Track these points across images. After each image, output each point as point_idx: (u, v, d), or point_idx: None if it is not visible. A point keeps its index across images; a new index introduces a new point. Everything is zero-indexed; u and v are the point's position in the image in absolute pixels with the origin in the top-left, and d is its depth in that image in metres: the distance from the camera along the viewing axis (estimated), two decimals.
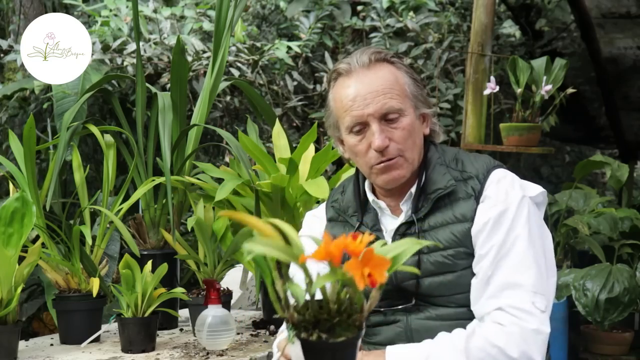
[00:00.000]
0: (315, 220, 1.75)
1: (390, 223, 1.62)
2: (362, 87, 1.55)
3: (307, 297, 1.09)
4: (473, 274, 1.53)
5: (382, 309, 1.59)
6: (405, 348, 1.47)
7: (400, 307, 1.58)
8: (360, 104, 1.54)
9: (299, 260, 1.03)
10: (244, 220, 1.05)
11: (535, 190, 1.59)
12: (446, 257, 1.53)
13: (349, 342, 1.06)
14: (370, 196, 1.65)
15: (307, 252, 1.06)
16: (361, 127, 1.56)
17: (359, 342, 1.10)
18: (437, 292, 1.54)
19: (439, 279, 1.53)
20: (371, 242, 1.46)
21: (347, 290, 1.08)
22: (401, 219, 1.60)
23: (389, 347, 1.47)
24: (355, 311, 1.07)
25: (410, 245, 1.07)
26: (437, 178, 1.57)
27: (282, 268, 1.07)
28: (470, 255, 1.53)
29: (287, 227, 1.07)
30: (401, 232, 1.58)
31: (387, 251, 1.07)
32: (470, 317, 1.52)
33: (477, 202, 1.54)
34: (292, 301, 1.09)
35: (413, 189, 1.59)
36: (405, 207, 1.60)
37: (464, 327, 1.50)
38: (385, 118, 1.54)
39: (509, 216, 1.51)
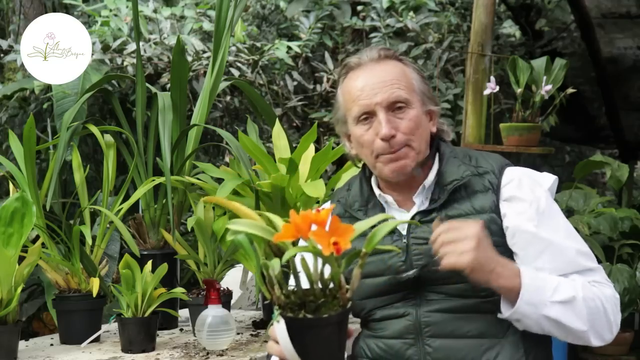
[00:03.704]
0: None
1: (398, 217, 1.61)
2: (370, 77, 1.59)
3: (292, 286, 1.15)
4: None
5: (391, 304, 1.59)
6: (536, 272, 1.49)
7: (410, 297, 1.57)
8: (369, 93, 1.57)
9: (273, 239, 1.09)
10: (227, 206, 1.13)
11: (549, 181, 1.66)
12: None
13: (331, 320, 1.10)
14: (377, 190, 1.66)
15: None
16: (368, 116, 1.59)
17: (345, 325, 1.14)
18: (453, 279, 1.54)
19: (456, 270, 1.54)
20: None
21: (331, 273, 1.12)
22: (414, 210, 1.61)
23: (523, 268, 1.47)
24: (338, 291, 1.11)
25: (382, 217, 1.16)
26: (451, 170, 1.60)
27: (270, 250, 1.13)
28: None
29: (271, 215, 1.16)
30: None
31: (363, 226, 1.15)
32: (482, 310, 1.52)
33: (496, 196, 1.56)
34: (277, 286, 1.14)
35: (426, 182, 1.61)
36: (419, 199, 1.61)
37: (475, 321, 1.51)
38: (393, 108, 1.57)
39: (547, 211, 1.56)
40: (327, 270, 1.13)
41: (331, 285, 1.12)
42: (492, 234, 1.52)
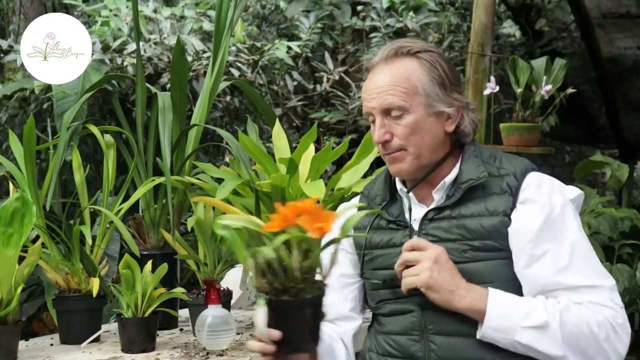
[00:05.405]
0: (350, 211, 1.77)
1: (418, 212, 1.63)
2: (375, 81, 1.61)
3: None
4: (498, 268, 1.53)
5: (397, 298, 1.60)
6: (509, 296, 1.49)
7: (417, 293, 1.57)
8: (368, 97, 1.60)
9: (262, 229, 1.24)
10: (216, 204, 1.25)
11: (573, 193, 1.62)
12: (471, 247, 1.54)
13: (311, 301, 1.24)
14: (399, 185, 1.68)
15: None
16: (373, 117, 1.62)
17: (321, 308, 1.26)
18: None
19: (459, 267, 1.54)
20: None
21: (309, 261, 1.24)
22: (432, 206, 1.62)
23: (492, 290, 1.49)
24: (316, 276, 1.25)
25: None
26: (469, 169, 1.59)
27: (249, 241, 1.26)
28: (497, 249, 1.53)
29: (252, 217, 1.30)
30: (429, 218, 1.60)
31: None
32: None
33: (514, 199, 1.55)
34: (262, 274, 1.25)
35: (447, 179, 1.61)
36: (438, 195, 1.62)
37: (479, 324, 1.50)
38: (389, 113, 1.58)
39: (559, 220, 1.52)
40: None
41: (307, 273, 1.25)
42: (500, 237, 1.52)
